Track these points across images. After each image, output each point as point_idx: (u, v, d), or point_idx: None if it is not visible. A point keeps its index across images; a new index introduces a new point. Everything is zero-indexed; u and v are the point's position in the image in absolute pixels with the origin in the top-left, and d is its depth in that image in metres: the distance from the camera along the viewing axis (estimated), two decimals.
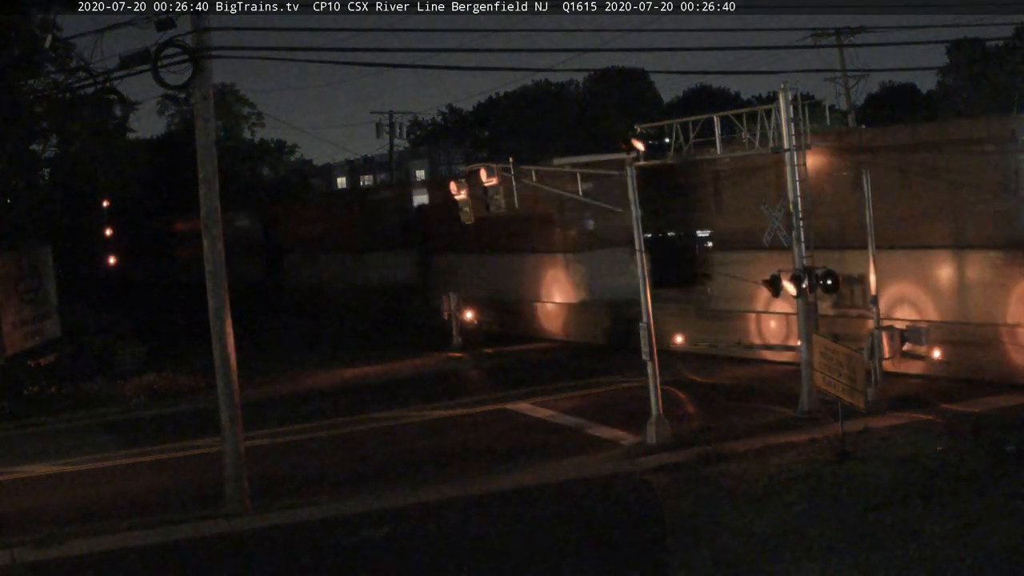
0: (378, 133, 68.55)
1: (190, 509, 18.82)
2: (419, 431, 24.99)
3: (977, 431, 19.66)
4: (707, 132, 24.29)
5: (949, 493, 15.94)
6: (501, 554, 15.54)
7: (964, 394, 22.93)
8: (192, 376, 32.44)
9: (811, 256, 22.56)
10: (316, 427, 26.03)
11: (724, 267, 30.79)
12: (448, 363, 34.83)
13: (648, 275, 21.84)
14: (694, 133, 24.12)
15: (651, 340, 21.38)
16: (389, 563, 15.67)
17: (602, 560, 14.90)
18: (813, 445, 19.66)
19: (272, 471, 21.39)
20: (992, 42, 71.39)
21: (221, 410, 18.84)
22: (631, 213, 22.10)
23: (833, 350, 19.40)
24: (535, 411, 25.69)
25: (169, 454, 24.08)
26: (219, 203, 18.71)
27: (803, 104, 22.81)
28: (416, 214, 48.19)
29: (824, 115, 43.89)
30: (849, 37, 50.08)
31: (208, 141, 18.64)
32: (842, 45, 50.59)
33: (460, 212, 26.36)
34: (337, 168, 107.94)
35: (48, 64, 36.17)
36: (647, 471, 19.31)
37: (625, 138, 22.46)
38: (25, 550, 17.03)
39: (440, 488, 19.34)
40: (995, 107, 58.86)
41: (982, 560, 13.21)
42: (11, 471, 23.18)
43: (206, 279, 18.77)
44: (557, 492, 18.68)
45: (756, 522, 15.52)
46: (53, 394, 31.01)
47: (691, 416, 23.76)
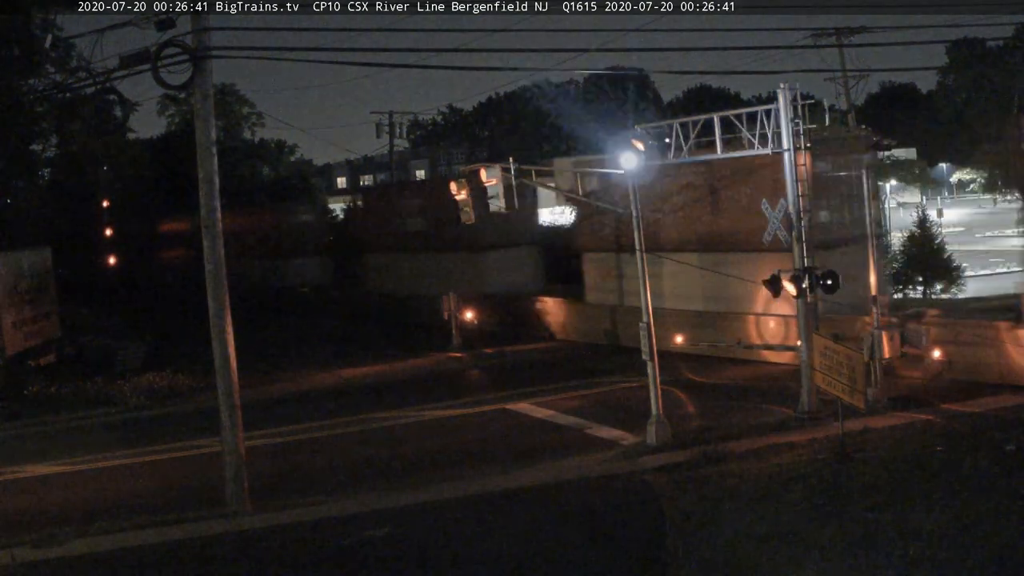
0: (378, 133, 68.50)
1: (190, 509, 18.80)
2: (419, 431, 24.98)
3: (977, 431, 19.66)
4: (707, 132, 24.30)
5: (949, 493, 15.94)
6: (501, 554, 15.52)
7: (964, 394, 22.93)
8: (192, 376, 32.43)
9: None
10: (316, 427, 26.03)
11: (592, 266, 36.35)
12: (448, 363, 34.86)
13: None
14: (694, 133, 24.12)
15: (651, 340, 21.36)
16: (389, 563, 15.66)
17: (602, 560, 14.89)
18: (813, 445, 19.67)
19: (272, 471, 21.39)
20: (992, 42, 71.50)
21: (221, 410, 18.84)
22: (631, 213, 22.10)
23: (833, 350, 19.39)
24: (535, 411, 25.68)
25: (169, 454, 24.07)
26: (219, 203, 18.72)
27: (803, 104, 22.81)
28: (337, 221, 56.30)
29: (824, 115, 43.89)
30: (849, 37, 50.11)
31: (208, 141, 18.64)
32: (842, 45, 50.61)
33: (460, 212, 26.34)
34: (337, 168, 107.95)
35: (48, 64, 36.19)
36: (647, 471, 19.31)
37: (624, 138, 22.45)
38: (25, 550, 17.01)
39: (440, 488, 19.34)
40: (995, 107, 58.91)
41: (982, 560, 13.21)
42: (12, 471, 23.16)
43: (206, 279, 18.77)
44: (557, 492, 18.68)
45: (756, 522, 15.50)
46: (53, 394, 31.01)
47: (691, 416, 23.76)
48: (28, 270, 36.21)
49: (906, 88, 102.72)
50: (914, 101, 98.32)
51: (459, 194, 25.86)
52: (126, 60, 18.39)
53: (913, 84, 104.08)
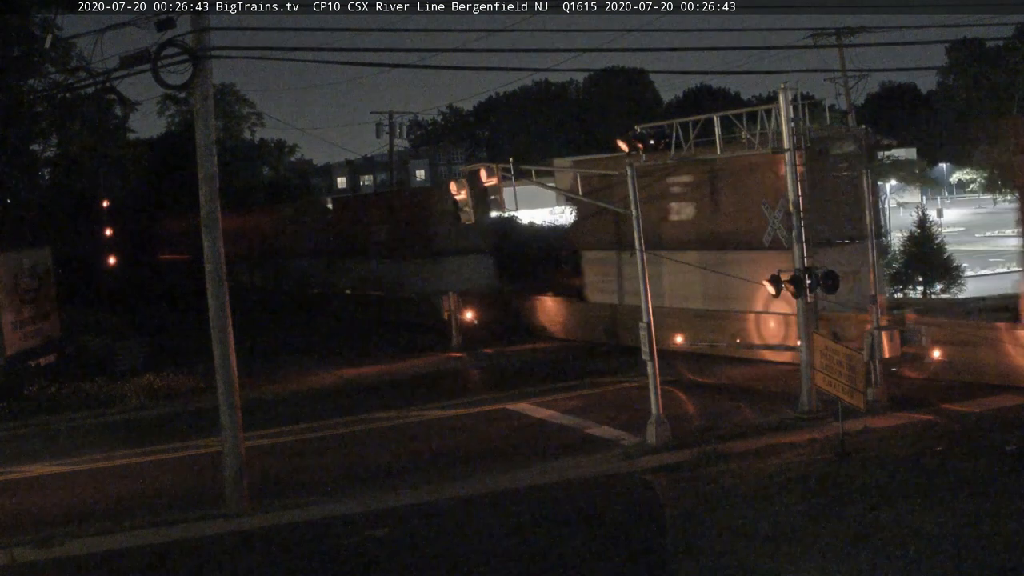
0: (378, 133, 68.57)
1: (190, 509, 18.80)
2: (419, 431, 24.98)
3: (977, 431, 19.66)
4: (707, 132, 24.30)
5: (949, 493, 15.94)
6: (501, 554, 15.52)
7: (964, 394, 22.93)
8: (192, 376, 32.41)
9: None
10: (316, 427, 26.02)
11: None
12: (448, 363, 34.85)
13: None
14: (694, 133, 24.12)
15: (651, 340, 21.35)
16: (389, 563, 15.66)
17: (602, 560, 14.89)
18: (813, 445, 19.67)
19: (272, 471, 21.39)
20: (992, 42, 71.45)
21: (221, 410, 18.84)
22: (632, 213, 22.10)
23: (833, 350, 19.39)
24: (535, 411, 25.68)
25: (169, 454, 24.07)
26: (219, 203, 18.72)
27: (803, 104, 22.81)
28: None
29: (824, 115, 43.90)
30: (849, 37, 50.09)
31: (208, 141, 18.64)
32: (842, 45, 50.59)
33: (460, 212, 26.31)
34: (337, 168, 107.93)
35: (48, 64, 36.17)
36: (647, 471, 19.31)
37: (625, 138, 22.44)
38: (25, 550, 17.01)
39: (440, 488, 19.34)
40: (995, 107, 58.90)
41: (982, 560, 13.21)
42: (11, 471, 23.15)
43: (206, 279, 18.77)
44: (557, 492, 18.68)
45: (756, 522, 15.50)
46: (53, 394, 30.95)
47: (691, 416, 23.75)
48: (28, 270, 36.16)
49: (906, 88, 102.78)
50: (914, 101, 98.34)
51: (459, 194, 25.85)
52: (126, 60, 18.38)
53: (913, 84, 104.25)
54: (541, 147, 78.13)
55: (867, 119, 62.17)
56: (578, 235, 38.15)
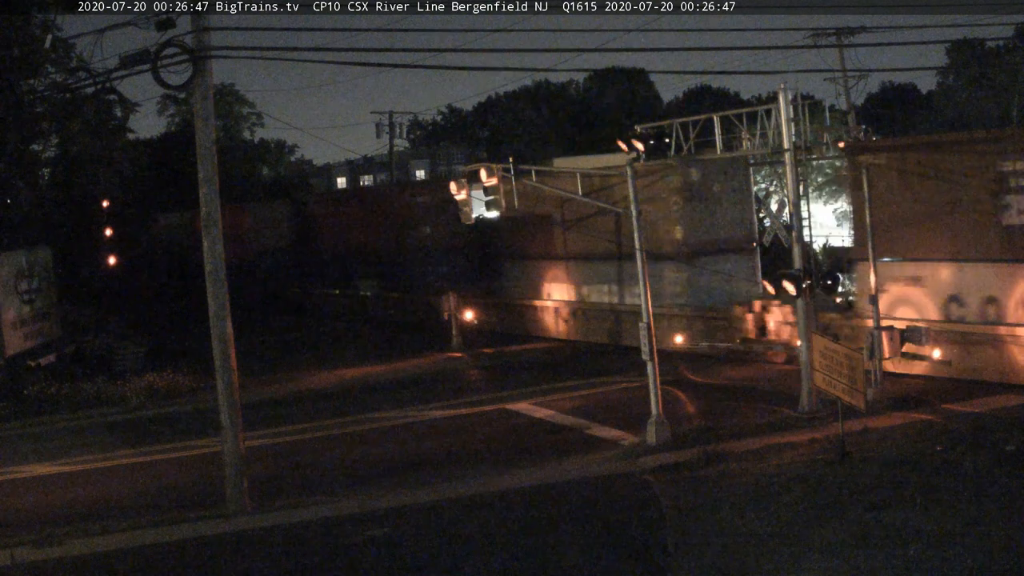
0: (378, 133, 68.59)
1: (190, 509, 18.81)
2: (419, 431, 24.98)
3: (977, 431, 19.65)
4: (707, 132, 24.34)
5: (949, 493, 15.94)
6: (501, 554, 15.52)
7: (964, 394, 22.93)
8: (192, 376, 32.43)
9: None
10: (316, 427, 26.03)
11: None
12: (448, 363, 34.86)
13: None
14: (694, 133, 24.15)
15: (651, 340, 21.35)
16: (389, 563, 15.67)
17: (602, 560, 14.89)
18: (813, 445, 19.67)
19: (272, 471, 21.40)
20: (992, 42, 71.41)
21: (221, 410, 18.84)
22: (631, 213, 22.10)
23: (833, 350, 19.38)
24: (535, 411, 25.68)
25: (169, 454, 24.07)
26: (219, 202, 18.72)
27: (803, 104, 22.83)
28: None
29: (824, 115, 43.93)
30: (849, 37, 50.07)
31: (208, 141, 18.64)
32: (842, 45, 50.58)
33: (460, 212, 26.35)
34: (337, 168, 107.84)
35: (48, 64, 36.14)
36: (647, 471, 19.31)
37: (625, 138, 22.46)
38: (25, 550, 17.02)
39: (440, 488, 19.34)
40: (995, 107, 58.85)
41: (982, 560, 13.21)
42: (11, 471, 23.16)
43: (206, 279, 18.77)
44: (557, 492, 18.68)
45: (756, 522, 15.51)
46: (53, 394, 30.96)
47: (691, 416, 23.75)
48: (28, 270, 36.18)
49: (906, 88, 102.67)
50: (914, 101, 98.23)
51: (459, 194, 25.88)
52: (126, 60, 18.38)
53: (913, 84, 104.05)
54: (541, 147, 78.06)
55: (867, 119, 62.07)
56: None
